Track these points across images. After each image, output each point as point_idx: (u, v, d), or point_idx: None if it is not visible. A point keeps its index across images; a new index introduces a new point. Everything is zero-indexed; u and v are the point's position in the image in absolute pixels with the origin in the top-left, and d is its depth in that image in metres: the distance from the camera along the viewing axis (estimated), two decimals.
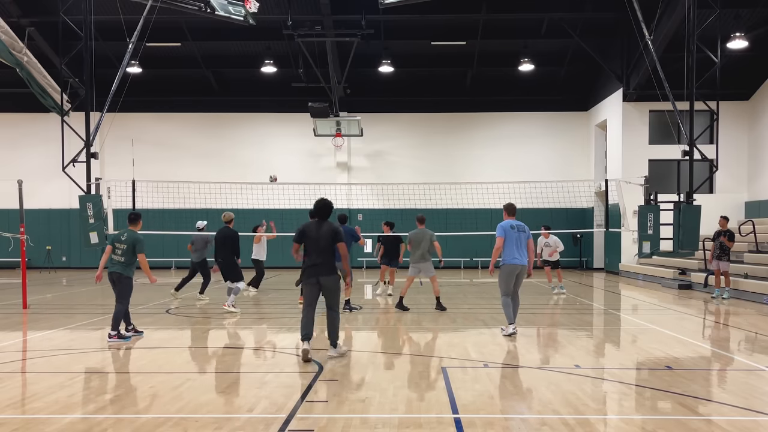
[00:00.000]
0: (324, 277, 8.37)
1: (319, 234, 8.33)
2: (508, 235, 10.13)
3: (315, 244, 8.33)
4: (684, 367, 8.29)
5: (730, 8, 20.49)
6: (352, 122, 26.31)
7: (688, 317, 13.32)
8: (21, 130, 28.21)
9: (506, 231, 10.15)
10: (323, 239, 8.31)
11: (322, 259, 8.32)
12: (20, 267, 14.97)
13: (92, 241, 15.84)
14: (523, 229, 10.24)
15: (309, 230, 8.38)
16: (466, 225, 23.45)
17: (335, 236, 8.34)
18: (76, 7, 17.28)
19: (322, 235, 8.33)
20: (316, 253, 8.33)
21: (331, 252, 8.39)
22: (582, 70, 27.35)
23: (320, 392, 6.89)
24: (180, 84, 28.37)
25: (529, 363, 8.47)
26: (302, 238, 8.40)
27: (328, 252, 8.36)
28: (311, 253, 8.37)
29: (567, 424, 5.75)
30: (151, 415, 6.08)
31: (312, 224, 8.45)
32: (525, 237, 10.21)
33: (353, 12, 22.81)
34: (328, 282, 8.40)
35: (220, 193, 23.39)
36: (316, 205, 8.53)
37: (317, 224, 8.43)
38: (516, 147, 28.16)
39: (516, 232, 10.15)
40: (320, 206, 8.50)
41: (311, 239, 8.34)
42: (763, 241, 18.80)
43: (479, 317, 12.75)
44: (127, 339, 9.96)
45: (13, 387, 7.28)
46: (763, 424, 5.88)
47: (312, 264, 8.36)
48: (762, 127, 24.17)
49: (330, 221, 8.58)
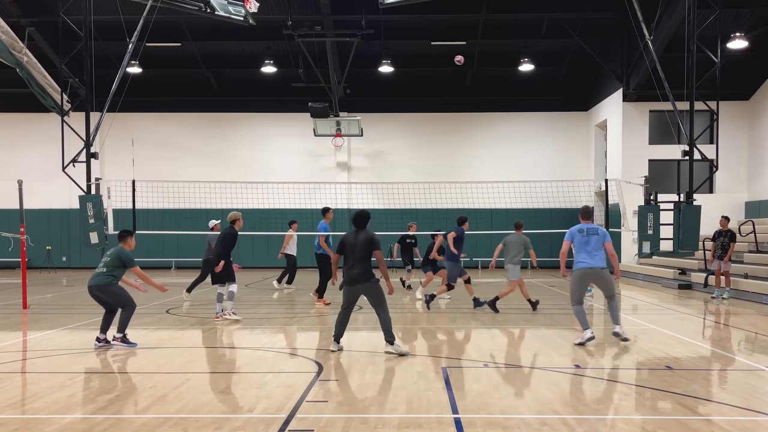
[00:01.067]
0: (361, 285, 8.82)
1: (356, 243, 8.81)
2: (576, 239, 9.62)
3: (352, 253, 8.75)
4: (684, 367, 8.29)
5: (730, 8, 20.49)
6: (352, 122, 26.30)
7: (688, 317, 13.32)
8: (21, 130, 28.20)
9: (573, 235, 9.68)
10: (360, 248, 8.75)
11: (359, 267, 8.75)
12: (20, 267, 14.97)
13: (92, 241, 15.84)
14: (596, 232, 9.62)
15: (348, 240, 8.87)
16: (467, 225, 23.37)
17: (371, 245, 8.82)
18: (76, 7, 17.28)
19: (359, 245, 8.77)
20: (354, 264, 8.79)
21: (368, 259, 8.82)
22: (582, 70, 27.35)
23: (320, 392, 6.89)
24: (180, 84, 28.37)
25: (529, 363, 8.47)
26: (342, 249, 8.90)
27: (366, 260, 8.78)
28: (349, 260, 8.85)
29: (567, 424, 5.74)
30: (151, 415, 6.08)
31: (350, 234, 8.95)
32: (597, 240, 9.54)
33: (353, 12, 22.81)
34: (366, 287, 8.84)
35: (220, 193, 23.39)
36: (356, 215, 9.02)
37: (355, 234, 8.89)
38: (516, 147, 28.16)
39: (585, 236, 9.59)
40: (359, 216, 9.00)
41: (349, 248, 8.79)
42: (763, 241, 18.80)
43: (479, 317, 12.75)
44: (133, 345, 9.42)
45: (13, 387, 7.28)
46: (763, 424, 5.88)
47: (350, 271, 8.83)
48: (762, 127, 24.16)
49: (367, 230, 8.99)
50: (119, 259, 9.56)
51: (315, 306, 14.23)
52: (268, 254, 26.36)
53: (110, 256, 9.65)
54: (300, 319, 12.68)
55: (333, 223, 19.64)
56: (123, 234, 9.94)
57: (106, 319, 9.64)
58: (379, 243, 8.90)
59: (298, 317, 12.99)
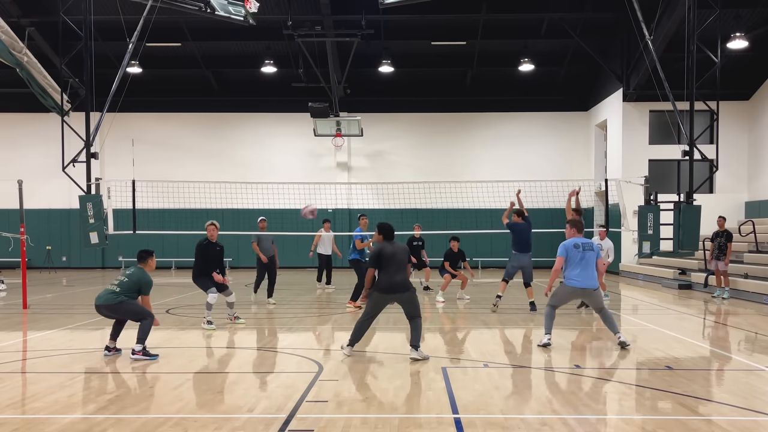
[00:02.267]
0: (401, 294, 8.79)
1: (394, 253, 8.84)
2: (571, 254, 9.16)
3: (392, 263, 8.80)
4: (684, 367, 8.29)
5: (730, 8, 20.48)
6: (352, 122, 26.31)
7: (688, 317, 13.32)
8: (21, 130, 28.20)
9: (568, 250, 9.20)
10: (399, 258, 8.84)
11: (400, 276, 8.79)
12: (20, 267, 14.97)
13: (92, 241, 15.83)
14: (591, 247, 9.19)
15: (386, 251, 8.85)
16: (467, 225, 23.39)
17: (408, 256, 9.02)
18: (76, 7, 17.27)
19: (398, 253, 8.86)
20: (396, 271, 8.78)
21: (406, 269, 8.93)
22: (582, 70, 27.35)
23: (320, 392, 6.89)
24: (180, 84, 28.37)
25: (529, 363, 8.47)
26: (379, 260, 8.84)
27: (404, 269, 8.88)
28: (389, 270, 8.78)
29: (567, 424, 5.75)
30: (151, 415, 6.08)
31: (387, 245, 8.93)
32: (591, 256, 9.15)
33: (353, 12, 22.81)
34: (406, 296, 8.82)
35: (220, 193, 23.39)
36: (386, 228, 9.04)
37: (392, 244, 8.95)
38: (516, 147, 28.16)
39: (581, 251, 9.14)
40: (389, 229, 9.06)
41: (389, 257, 8.81)
42: (763, 241, 18.80)
43: (479, 317, 12.75)
44: (155, 357, 8.62)
45: (13, 387, 7.28)
46: (763, 424, 5.88)
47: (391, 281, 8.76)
48: (762, 127, 24.16)
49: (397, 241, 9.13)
50: (138, 284, 8.70)
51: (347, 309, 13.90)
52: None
53: (129, 277, 8.75)
54: (300, 320, 12.68)
55: (332, 223, 19.76)
56: (143, 255, 8.90)
57: (116, 327, 8.94)
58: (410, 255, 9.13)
59: (299, 317, 12.99)
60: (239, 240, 26.08)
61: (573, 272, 9.18)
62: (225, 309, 12.14)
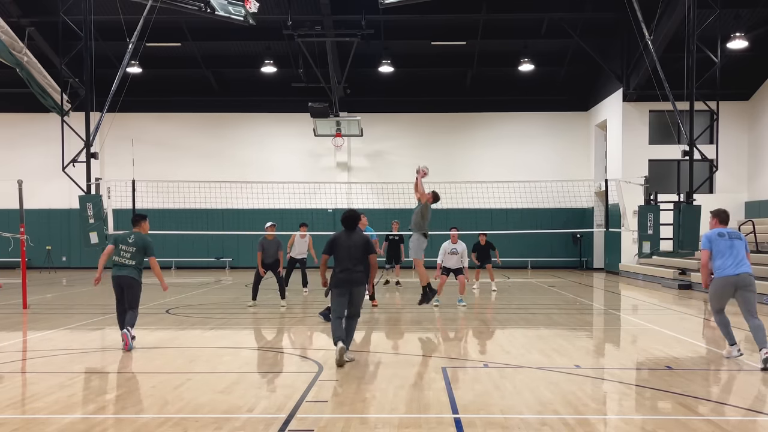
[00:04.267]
0: (356, 288, 8.34)
1: (350, 244, 8.34)
2: (716, 245, 8.53)
3: (347, 254, 8.30)
4: (684, 367, 8.29)
5: (730, 8, 20.49)
6: (352, 122, 26.31)
7: (688, 317, 13.32)
8: (21, 130, 28.21)
9: (712, 241, 8.57)
10: (355, 249, 8.31)
11: (356, 269, 8.30)
12: (20, 267, 14.97)
13: (92, 241, 15.83)
14: (739, 237, 8.59)
15: (340, 241, 8.34)
16: (467, 225, 23.39)
17: (367, 247, 8.38)
18: (76, 7, 17.27)
19: (354, 245, 8.34)
20: (351, 263, 8.30)
21: (364, 262, 8.40)
22: (582, 70, 27.36)
23: (320, 392, 6.89)
24: (180, 84, 28.37)
25: (529, 363, 8.46)
26: (333, 249, 8.35)
27: (361, 262, 8.36)
28: (343, 263, 8.31)
29: (567, 424, 5.75)
30: (151, 415, 6.08)
31: (342, 234, 8.45)
32: (741, 244, 8.51)
33: (353, 12, 22.81)
34: (359, 292, 8.39)
35: (220, 193, 23.40)
36: (344, 215, 8.55)
37: (347, 234, 8.44)
38: (516, 147, 28.17)
39: (727, 240, 8.52)
40: (348, 216, 8.53)
41: (343, 249, 8.31)
42: (763, 241, 18.80)
43: (479, 317, 12.75)
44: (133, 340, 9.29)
45: (13, 387, 7.28)
46: (763, 424, 5.88)
47: (344, 273, 8.28)
48: (762, 127, 24.17)
49: (360, 231, 8.59)
50: (144, 247, 9.32)
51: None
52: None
53: (134, 245, 9.31)
54: (300, 320, 12.68)
55: (332, 223, 19.76)
56: (137, 218, 9.62)
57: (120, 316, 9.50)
58: (374, 246, 8.60)
59: (299, 317, 12.99)
60: (239, 240, 26.11)
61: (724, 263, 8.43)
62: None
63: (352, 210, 8.71)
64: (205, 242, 26.66)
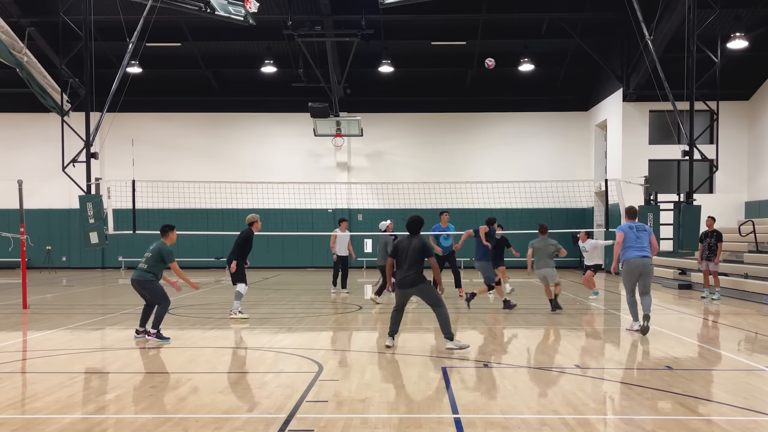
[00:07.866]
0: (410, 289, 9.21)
1: (408, 248, 9.12)
2: (628, 234, 10.43)
3: (404, 258, 9.14)
4: (684, 367, 8.29)
5: (730, 8, 20.47)
6: (352, 122, 26.31)
7: (688, 317, 13.32)
8: (21, 130, 28.20)
9: (625, 230, 10.50)
10: (411, 253, 9.08)
11: (411, 272, 9.07)
12: (20, 267, 14.97)
13: (92, 241, 15.84)
14: (644, 228, 10.61)
15: (401, 245, 9.24)
16: (466, 224, 23.27)
17: (423, 251, 9.14)
18: (76, 7, 17.28)
19: (411, 249, 9.10)
20: (406, 266, 9.11)
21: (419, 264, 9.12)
22: (582, 70, 27.35)
23: (320, 392, 6.89)
24: (180, 84, 28.36)
25: (529, 363, 8.47)
26: (396, 253, 9.28)
27: (414, 265, 9.08)
28: (401, 266, 9.19)
29: (567, 424, 5.75)
30: (151, 415, 6.08)
31: (405, 239, 9.28)
32: (646, 235, 10.49)
33: (353, 12, 22.81)
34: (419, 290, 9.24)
35: (220, 193, 23.39)
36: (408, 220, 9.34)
37: (409, 239, 9.22)
38: (516, 147, 28.16)
39: (635, 231, 10.46)
40: (411, 222, 9.31)
41: (402, 254, 9.17)
42: (763, 241, 18.78)
43: (479, 317, 12.75)
44: (167, 339, 9.90)
45: (13, 387, 7.28)
46: (763, 424, 5.88)
47: (400, 275, 9.19)
48: (762, 127, 24.16)
49: (420, 235, 9.29)
50: (159, 254, 9.90)
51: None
52: (267, 254, 26.39)
53: (151, 251, 9.97)
54: (300, 319, 12.68)
55: (332, 223, 19.75)
56: (165, 229, 10.20)
57: (145, 312, 10.11)
58: (432, 249, 9.29)
59: (299, 317, 12.99)
60: None
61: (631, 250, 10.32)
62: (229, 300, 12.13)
63: (416, 216, 9.47)
64: (205, 242, 26.63)
